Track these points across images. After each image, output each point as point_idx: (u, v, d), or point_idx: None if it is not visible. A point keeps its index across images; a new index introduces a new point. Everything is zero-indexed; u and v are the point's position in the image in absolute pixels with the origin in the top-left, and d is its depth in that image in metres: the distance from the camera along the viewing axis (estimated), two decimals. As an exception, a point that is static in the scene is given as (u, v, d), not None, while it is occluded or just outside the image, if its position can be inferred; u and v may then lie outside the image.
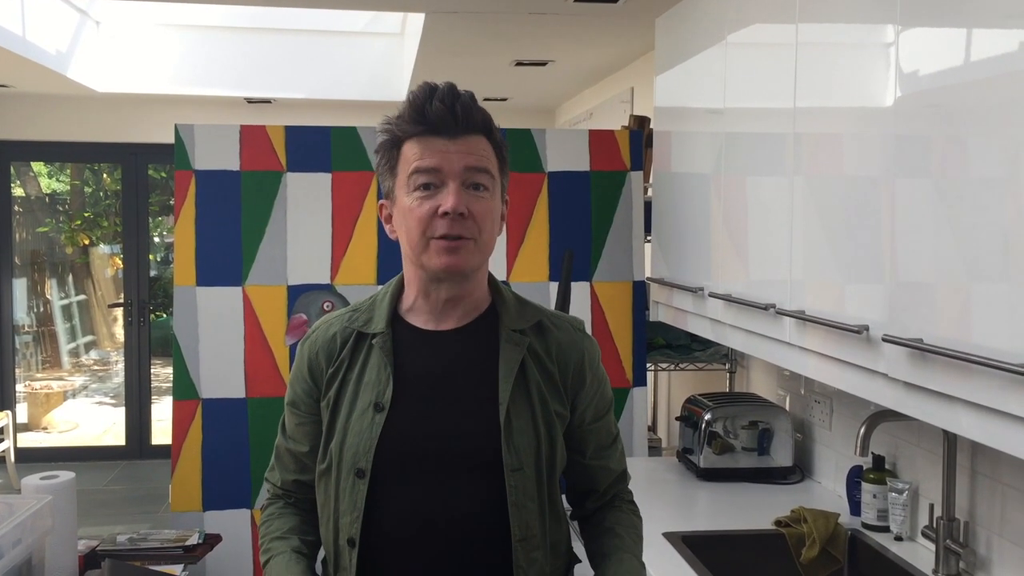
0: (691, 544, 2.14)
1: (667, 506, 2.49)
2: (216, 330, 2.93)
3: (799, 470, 2.69)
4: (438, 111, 1.38)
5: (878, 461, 2.26)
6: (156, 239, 7.57)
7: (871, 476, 2.25)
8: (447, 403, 1.43)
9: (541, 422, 1.44)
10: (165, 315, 8.21)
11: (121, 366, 6.82)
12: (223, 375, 2.93)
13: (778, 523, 2.27)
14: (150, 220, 6.96)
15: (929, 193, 1.48)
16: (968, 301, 1.38)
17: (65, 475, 2.52)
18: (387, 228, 1.47)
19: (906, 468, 2.23)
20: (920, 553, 2.08)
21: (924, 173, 1.49)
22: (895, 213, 1.57)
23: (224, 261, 2.96)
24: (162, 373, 7.45)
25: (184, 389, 2.91)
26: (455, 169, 1.38)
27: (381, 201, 1.48)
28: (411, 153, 1.39)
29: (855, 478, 2.33)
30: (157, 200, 7.81)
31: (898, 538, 2.16)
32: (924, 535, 2.08)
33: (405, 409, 1.42)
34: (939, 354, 1.41)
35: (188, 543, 2.62)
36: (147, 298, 6.73)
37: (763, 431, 2.69)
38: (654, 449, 3.31)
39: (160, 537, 2.63)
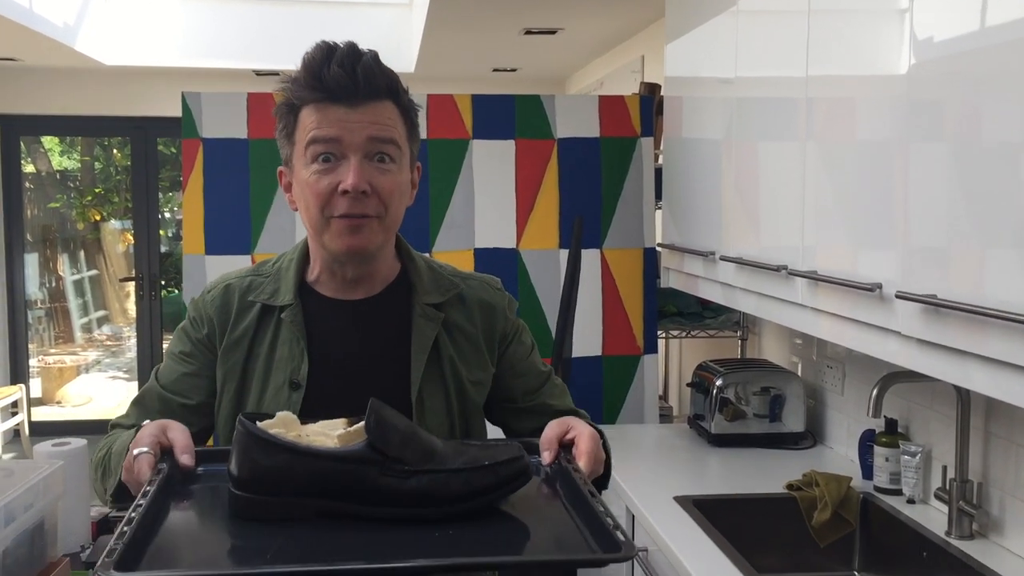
0: (702, 508, 2.14)
1: (678, 471, 2.48)
2: None
3: (811, 435, 2.68)
4: (336, 76, 1.25)
5: (891, 425, 2.25)
6: (167, 214, 7.58)
7: (884, 439, 2.23)
8: (361, 380, 1.37)
9: (455, 399, 1.39)
10: (177, 291, 8.23)
11: (134, 341, 6.85)
12: None
13: (790, 487, 2.26)
14: (160, 195, 6.96)
15: (943, 157, 1.45)
16: (981, 259, 1.36)
17: (77, 441, 2.53)
18: (287, 198, 1.37)
19: (919, 431, 2.21)
20: (933, 515, 2.07)
21: (938, 138, 1.47)
22: (908, 177, 1.55)
23: (233, 230, 2.95)
24: (174, 348, 7.45)
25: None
26: (357, 141, 1.27)
27: (280, 168, 1.38)
28: (308, 121, 1.28)
29: (867, 442, 2.32)
30: (167, 175, 7.81)
31: (911, 501, 2.15)
32: (937, 497, 2.07)
33: (320, 387, 1.35)
34: (952, 309, 1.40)
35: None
36: (158, 272, 6.74)
37: (775, 397, 2.68)
38: (665, 417, 3.30)
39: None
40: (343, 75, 1.26)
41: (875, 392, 1.92)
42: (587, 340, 3.07)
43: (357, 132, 1.27)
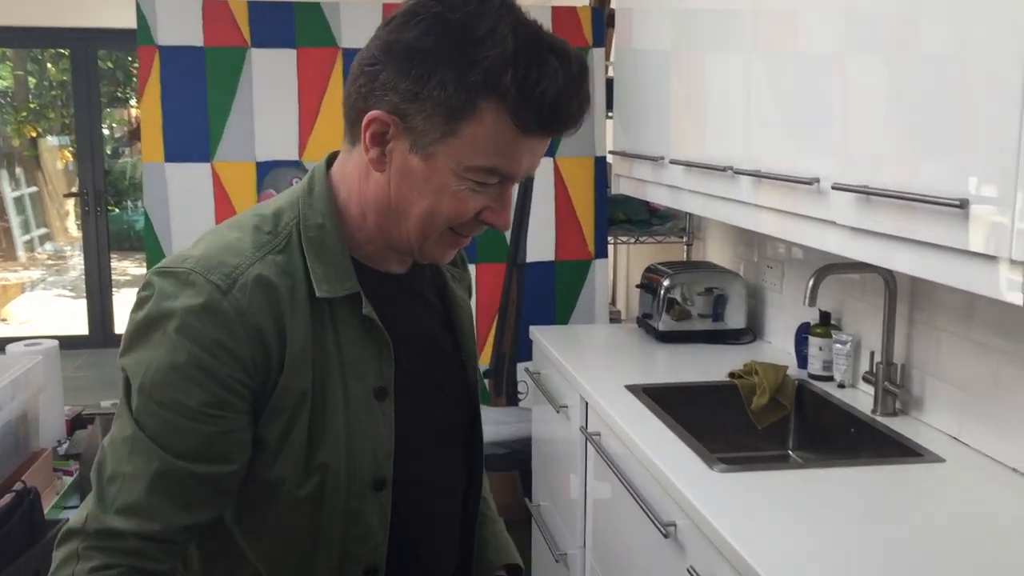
0: (651, 395, 2.30)
1: (628, 364, 2.64)
2: (187, 206, 2.98)
3: (752, 332, 2.86)
4: (569, 119, 1.01)
5: (824, 317, 2.43)
6: (105, 131, 7.45)
7: (818, 331, 2.41)
8: (435, 372, 1.18)
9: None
10: (117, 209, 8.13)
11: (77, 259, 6.81)
12: None
13: (731, 375, 2.44)
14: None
15: (878, 65, 1.58)
16: (910, 153, 1.50)
17: (49, 342, 2.61)
18: (374, 155, 1.03)
19: (850, 322, 2.40)
20: (860, 397, 2.26)
21: (874, 48, 1.60)
22: (846, 83, 1.68)
23: (191, 138, 2.99)
24: (118, 267, 7.44)
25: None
26: (521, 175, 1.05)
27: (387, 116, 1.01)
28: (497, 135, 0.99)
29: (803, 334, 2.50)
30: (106, 91, 7.64)
31: (841, 385, 2.34)
32: (865, 380, 2.26)
33: (403, 389, 1.12)
34: (884, 197, 1.54)
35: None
36: (103, 188, 6.67)
37: (718, 297, 2.84)
38: (614, 319, 3.47)
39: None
40: (572, 120, 1.01)
41: (811, 282, 2.08)
42: (541, 246, 3.20)
43: (530, 168, 1.05)
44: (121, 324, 6.67)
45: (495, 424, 3.15)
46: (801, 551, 1.49)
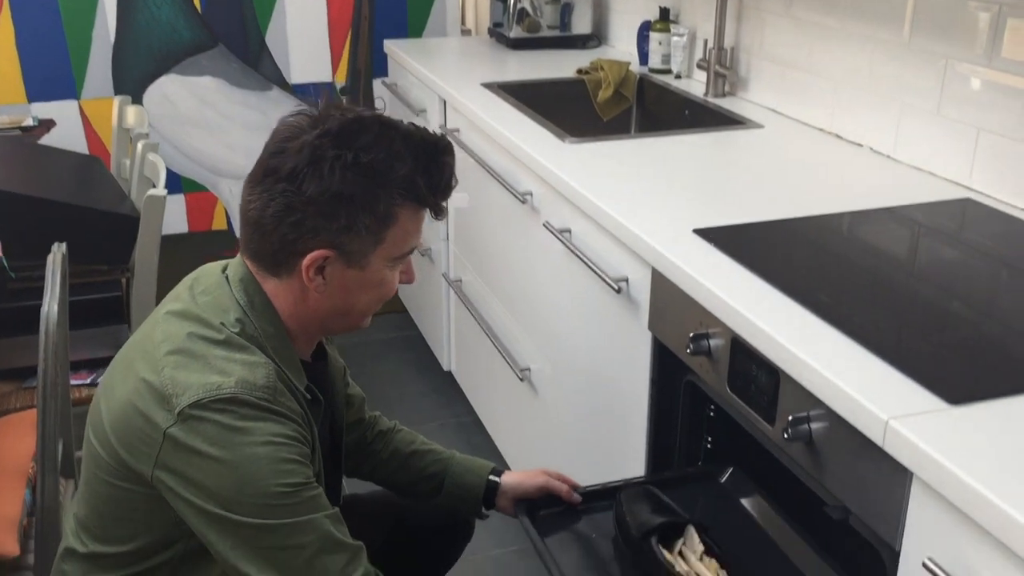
0: (507, 90, 2.45)
1: (482, 67, 2.76)
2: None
3: (597, 37, 3.01)
4: (453, 186, 1.22)
5: (664, 13, 2.59)
6: None
7: (658, 26, 2.58)
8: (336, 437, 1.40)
9: None
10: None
11: None
12: None
13: (579, 71, 2.61)
14: None
15: None
16: None
17: None
18: (312, 279, 1.15)
19: (687, 17, 2.58)
20: (694, 85, 2.49)
21: None
22: None
23: (53, 73, 2.89)
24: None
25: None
26: None
27: (323, 252, 1.14)
28: (412, 226, 1.19)
29: (644, 32, 2.67)
30: None
31: (678, 76, 2.55)
32: (699, 67, 2.47)
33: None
34: None
35: (24, 124, 2.69)
36: None
37: (565, 6, 2.96)
38: (466, 35, 3.54)
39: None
40: (453, 188, 1.23)
41: (653, -28, 2.22)
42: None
43: None
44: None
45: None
46: (638, 192, 1.72)
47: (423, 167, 1.16)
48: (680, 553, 1.34)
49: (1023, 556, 0.85)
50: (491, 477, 1.51)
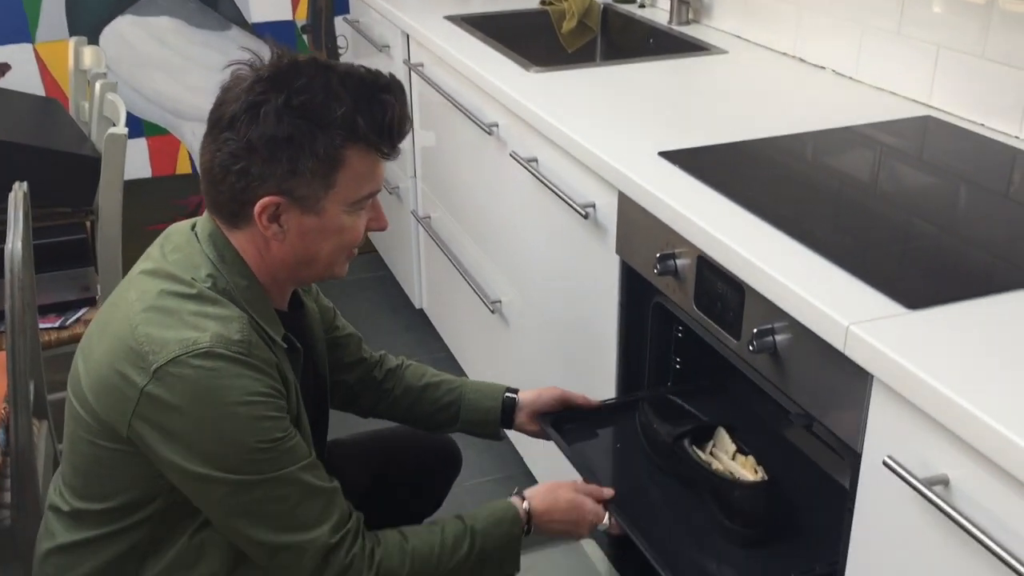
0: (471, 22, 2.43)
1: (445, 1, 2.73)
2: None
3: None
4: (406, 130, 1.19)
5: (627, -59, 2.57)
6: None
7: (621, -45, 2.56)
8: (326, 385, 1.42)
9: None
10: None
11: None
12: None
13: (543, 2, 2.59)
14: None
15: None
16: None
17: None
18: (268, 227, 1.15)
19: (650, -54, 2.55)
20: (659, 14, 2.47)
21: None
22: None
23: (3, 15, 2.80)
24: None
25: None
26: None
27: (273, 199, 1.13)
28: (364, 169, 1.16)
29: (608, -38, 2.65)
30: None
31: (641, 5, 2.54)
32: (662, -5, 2.46)
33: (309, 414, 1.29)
34: None
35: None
36: None
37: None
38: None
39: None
40: (407, 131, 1.20)
41: None
42: None
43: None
44: None
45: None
46: (603, 118, 1.72)
47: (364, 106, 1.13)
48: (712, 454, 1.39)
49: (977, 447, 0.89)
50: (507, 395, 1.55)
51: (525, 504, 1.32)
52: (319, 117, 1.12)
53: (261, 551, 1.14)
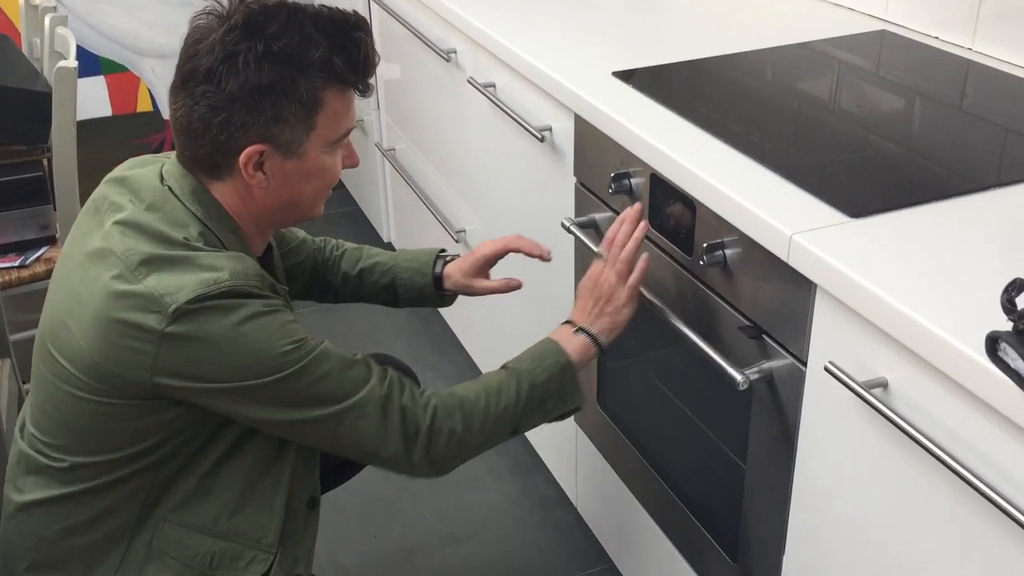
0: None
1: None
2: None
3: None
4: (375, 63, 1.21)
5: None
6: None
7: None
8: None
9: None
10: None
11: None
12: None
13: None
14: None
15: None
16: None
17: None
18: (253, 176, 1.15)
19: None
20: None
21: None
22: None
23: None
24: None
25: None
26: None
27: (257, 147, 1.13)
28: (341, 107, 1.17)
29: None
30: None
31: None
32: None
33: None
34: None
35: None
36: None
37: None
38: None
39: None
40: (376, 64, 1.21)
41: None
42: None
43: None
44: None
45: None
46: (558, 40, 1.70)
47: (338, 46, 1.14)
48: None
49: (914, 350, 0.90)
50: (436, 270, 1.56)
51: (567, 325, 1.33)
52: (298, 61, 1.11)
53: (325, 429, 1.16)
